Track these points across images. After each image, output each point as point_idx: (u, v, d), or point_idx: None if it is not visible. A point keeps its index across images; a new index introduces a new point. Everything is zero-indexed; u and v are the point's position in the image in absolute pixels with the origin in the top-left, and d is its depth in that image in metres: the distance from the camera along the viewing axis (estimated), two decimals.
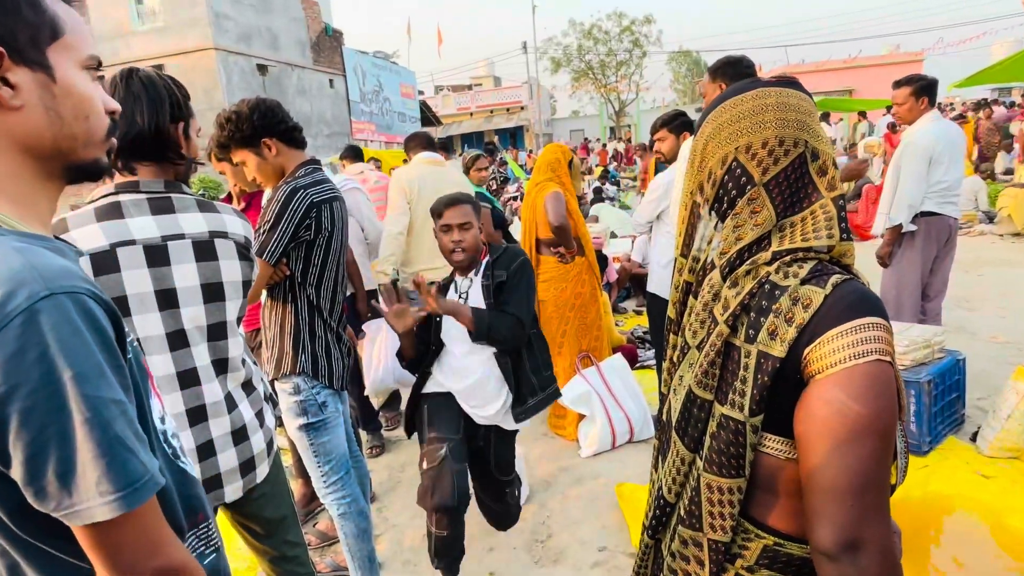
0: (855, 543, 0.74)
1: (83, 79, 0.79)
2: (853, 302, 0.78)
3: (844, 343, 0.76)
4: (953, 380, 3.06)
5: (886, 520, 0.76)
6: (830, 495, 0.75)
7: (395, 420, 3.88)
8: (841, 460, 0.74)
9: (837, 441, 0.75)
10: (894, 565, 0.75)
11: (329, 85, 20.90)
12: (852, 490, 0.74)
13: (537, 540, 2.62)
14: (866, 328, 0.76)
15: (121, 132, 1.31)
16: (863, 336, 0.76)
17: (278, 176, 1.98)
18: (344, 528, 2.15)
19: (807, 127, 0.86)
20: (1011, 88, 21.65)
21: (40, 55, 0.75)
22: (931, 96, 3.52)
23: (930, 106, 3.52)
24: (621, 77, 34.55)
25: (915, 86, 3.52)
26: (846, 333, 0.76)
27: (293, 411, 2.01)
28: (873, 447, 0.74)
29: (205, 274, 1.43)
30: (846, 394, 0.75)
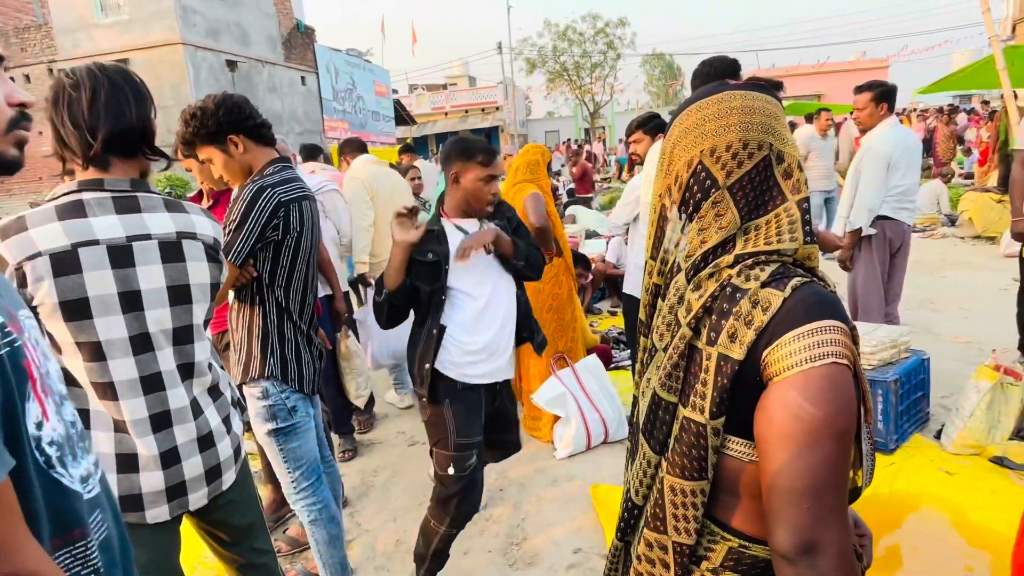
0: (813, 546, 0.74)
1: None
2: (811, 305, 0.78)
3: (801, 346, 0.76)
4: (918, 379, 3.14)
5: (844, 523, 0.76)
6: (787, 498, 0.75)
7: (368, 423, 3.83)
8: (798, 463, 0.74)
9: (794, 444, 0.75)
10: (852, 568, 0.76)
11: (301, 82, 20.61)
12: (809, 493, 0.74)
13: (512, 543, 2.61)
14: (823, 331, 0.76)
15: (108, 125, 1.29)
16: (820, 339, 0.76)
17: (246, 174, 1.93)
18: (315, 535, 2.11)
19: (772, 130, 0.86)
20: (971, 95, 22.36)
21: None
22: (890, 102, 3.62)
23: (889, 112, 3.62)
24: (596, 79, 34.82)
25: (875, 92, 3.61)
26: (803, 336, 0.77)
27: (262, 416, 1.96)
28: (829, 450, 0.74)
29: (172, 276, 1.40)
30: (802, 397, 0.75)
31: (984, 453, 2.81)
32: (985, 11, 6.28)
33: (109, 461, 1.35)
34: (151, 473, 1.39)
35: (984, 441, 2.83)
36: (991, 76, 6.47)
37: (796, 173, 0.86)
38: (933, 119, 14.67)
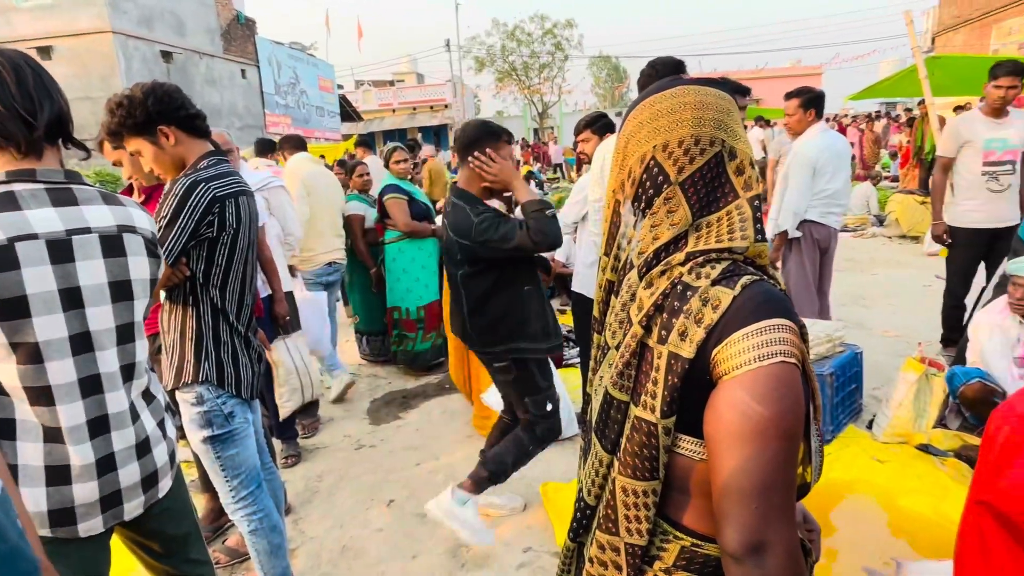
0: (760, 545, 0.74)
1: None
2: (760, 304, 0.78)
3: (749, 344, 0.76)
4: (852, 372, 3.28)
5: (791, 522, 0.76)
6: (735, 497, 0.75)
7: (312, 427, 3.72)
8: (746, 462, 0.74)
9: (742, 442, 0.74)
10: (798, 566, 0.76)
11: (241, 75, 19.91)
12: (756, 491, 0.74)
13: (462, 544, 2.57)
14: (771, 330, 0.76)
15: (46, 108, 1.23)
16: (768, 338, 0.76)
17: (178, 167, 1.83)
18: (256, 545, 2.02)
19: (724, 126, 0.85)
20: (896, 103, 23.67)
21: None
22: (818, 108, 3.78)
23: (817, 118, 3.78)
24: (544, 79, 35.08)
25: (804, 98, 3.76)
26: (752, 334, 0.76)
27: (197, 423, 1.87)
28: (777, 449, 0.74)
29: (113, 271, 1.33)
30: (750, 396, 0.74)
31: (911, 441, 2.96)
32: (908, 24, 6.63)
33: (37, 474, 1.26)
34: (84, 484, 1.30)
35: (911, 430, 2.98)
36: (914, 85, 6.84)
37: (748, 170, 0.86)
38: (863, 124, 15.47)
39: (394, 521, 2.78)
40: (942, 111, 9.83)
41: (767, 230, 4.00)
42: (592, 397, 0.97)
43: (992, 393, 2.85)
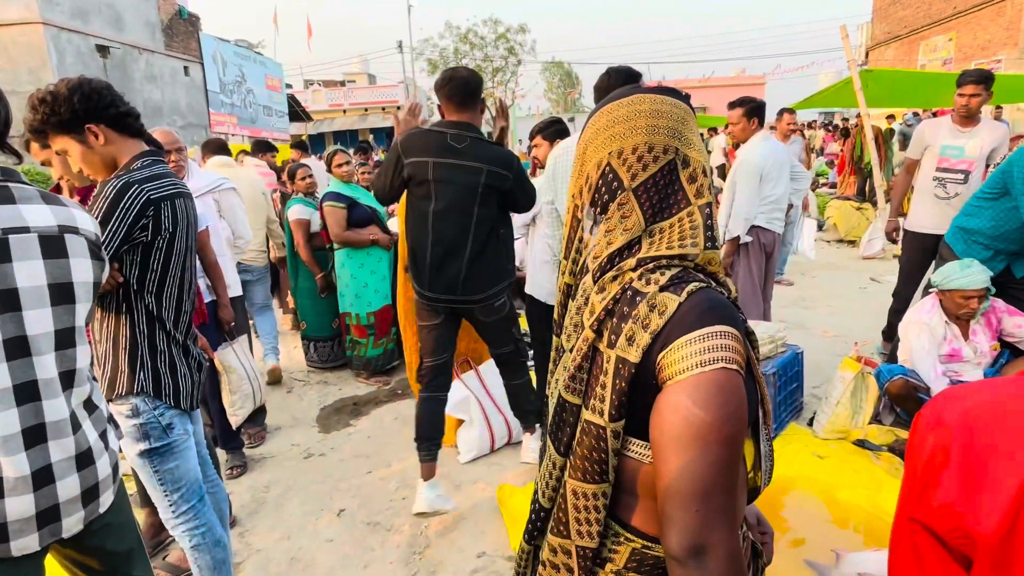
0: (701, 548, 0.74)
1: None
2: (704, 310, 0.79)
3: (692, 350, 0.77)
4: (794, 371, 3.40)
5: (732, 525, 0.77)
6: (677, 500, 0.76)
7: (259, 436, 3.61)
8: (687, 466, 0.75)
9: (683, 447, 0.76)
10: (739, 570, 0.77)
11: (184, 73, 19.19)
12: (697, 495, 0.75)
13: (414, 552, 2.54)
14: (714, 336, 0.77)
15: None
16: (711, 344, 0.77)
17: (109, 168, 1.73)
18: (198, 561, 1.94)
19: (678, 134, 0.87)
20: (833, 112, 24.76)
21: None
22: (760, 117, 3.92)
23: (760, 126, 3.91)
24: (497, 83, 35.13)
25: (746, 108, 3.89)
26: (695, 341, 0.77)
27: (133, 435, 1.78)
28: (718, 454, 0.75)
29: (53, 273, 1.27)
30: (692, 400, 0.76)
31: (849, 437, 3.08)
32: (844, 38, 6.96)
33: None
34: (19, 497, 1.22)
35: (849, 426, 3.11)
36: (850, 96, 7.18)
37: (700, 178, 0.87)
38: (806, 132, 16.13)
39: (345, 530, 2.71)
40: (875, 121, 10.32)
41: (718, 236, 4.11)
42: (548, 399, 0.98)
43: (916, 389, 3.00)
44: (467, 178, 2.43)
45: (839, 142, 13.03)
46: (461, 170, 2.43)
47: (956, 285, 2.97)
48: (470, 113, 2.52)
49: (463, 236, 2.45)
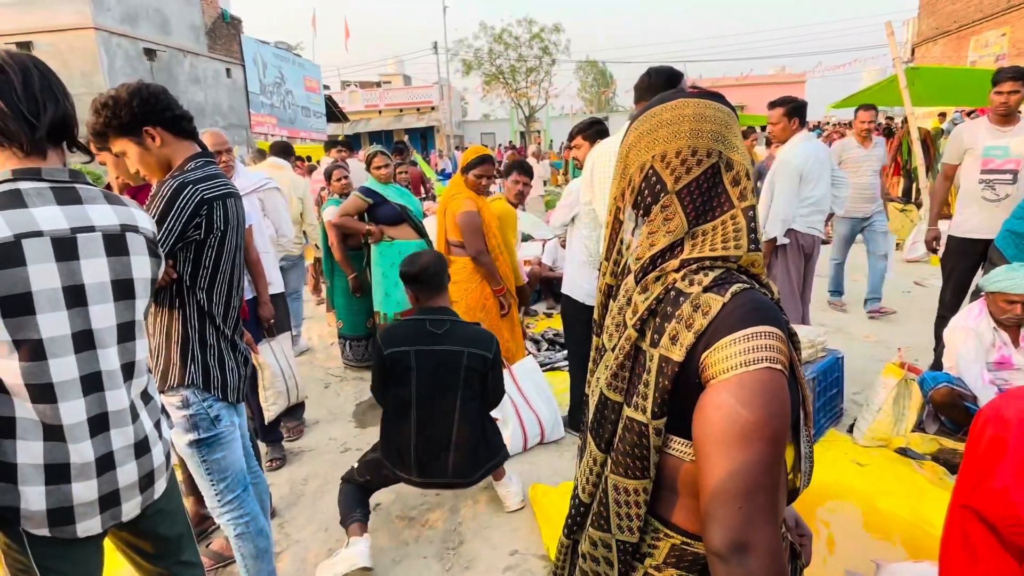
0: (743, 545, 0.76)
1: None
2: (748, 311, 0.80)
3: (737, 350, 0.79)
4: (833, 377, 3.34)
5: (774, 524, 0.78)
6: (719, 497, 0.77)
7: (297, 430, 3.70)
8: (730, 464, 0.77)
9: (726, 445, 0.77)
10: (780, 568, 0.78)
11: (226, 74, 19.73)
12: (740, 493, 0.76)
13: (448, 547, 2.58)
14: (758, 336, 0.79)
15: (49, 110, 1.26)
16: (755, 344, 0.78)
17: (164, 169, 1.82)
18: (241, 549, 2.01)
19: (722, 138, 0.89)
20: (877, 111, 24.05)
21: None
22: (801, 117, 3.84)
23: (801, 126, 3.84)
24: (531, 83, 35.16)
25: (787, 107, 3.82)
26: (739, 340, 0.79)
27: (182, 426, 1.85)
28: (761, 452, 0.76)
29: (116, 269, 1.35)
30: (736, 399, 0.77)
31: (890, 444, 3.01)
32: (889, 35, 6.77)
33: (36, 473, 1.25)
34: (84, 482, 1.30)
35: (891, 433, 3.04)
36: (895, 94, 6.98)
37: (744, 181, 0.89)
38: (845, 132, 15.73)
39: (380, 524, 2.77)
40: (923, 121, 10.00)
41: None
42: (589, 397, 1.00)
43: (961, 398, 2.91)
44: (449, 360, 2.44)
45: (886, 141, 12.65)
46: (443, 354, 2.45)
47: (1000, 287, 2.88)
48: (443, 297, 2.58)
49: (448, 420, 2.44)
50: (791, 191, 3.70)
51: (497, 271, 3.55)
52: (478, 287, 3.54)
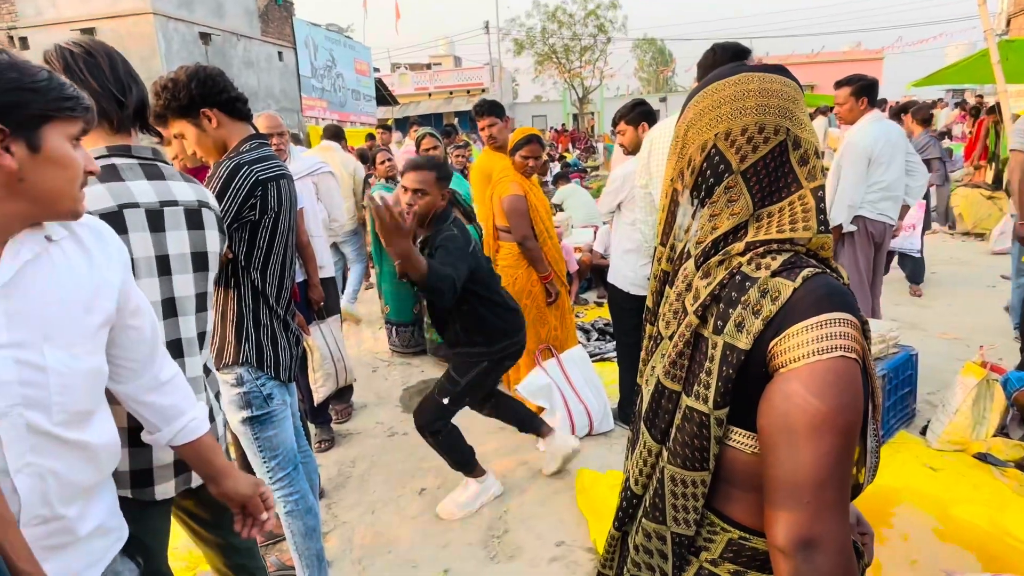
0: (810, 541, 0.74)
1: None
2: (821, 296, 0.78)
3: (809, 338, 0.76)
4: (906, 375, 3.20)
5: (844, 519, 0.76)
6: (787, 491, 0.76)
7: (345, 413, 3.82)
8: (799, 456, 0.75)
9: (796, 436, 0.75)
10: (849, 565, 0.76)
11: (278, 58, 20.27)
12: (809, 487, 0.75)
13: (493, 535, 2.62)
14: (832, 323, 0.76)
15: (135, 91, 1.38)
16: (828, 331, 0.76)
17: (220, 150, 1.90)
18: (291, 526, 2.10)
19: (789, 114, 0.86)
20: (964, 90, 22.69)
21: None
22: (871, 96, 3.66)
23: (870, 106, 3.67)
24: (585, 63, 34.72)
25: (855, 86, 3.65)
26: (812, 328, 0.77)
27: (236, 403, 1.94)
28: (832, 444, 0.74)
29: (195, 242, 1.47)
30: (807, 389, 0.75)
31: (969, 449, 2.88)
32: (981, 4, 6.35)
33: (123, 435, 1.33)
34: (164, 447, 1.38)
35: (969, 437, 2.90)
36: (985, 71, 6.55)
37: (812, 160, 0.86)
38: None
39: (426, 509, 2.84)
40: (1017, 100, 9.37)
41: None
42: (642, 387, 0.99)
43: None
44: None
45: (968, 122, 11.95)
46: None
47: None
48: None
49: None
50: (858, 175, 3.55)
51: (544, 257, 3.53)
52: (524, 273, 3.55)
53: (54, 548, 1.02)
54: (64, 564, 1.04)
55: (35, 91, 0.92)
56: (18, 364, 0.94)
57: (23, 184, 0.92)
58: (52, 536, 1.02)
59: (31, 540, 0.95)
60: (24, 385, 0.94)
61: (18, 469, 0.94)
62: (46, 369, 0.96)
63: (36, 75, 0.93)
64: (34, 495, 0.97)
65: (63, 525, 1.03)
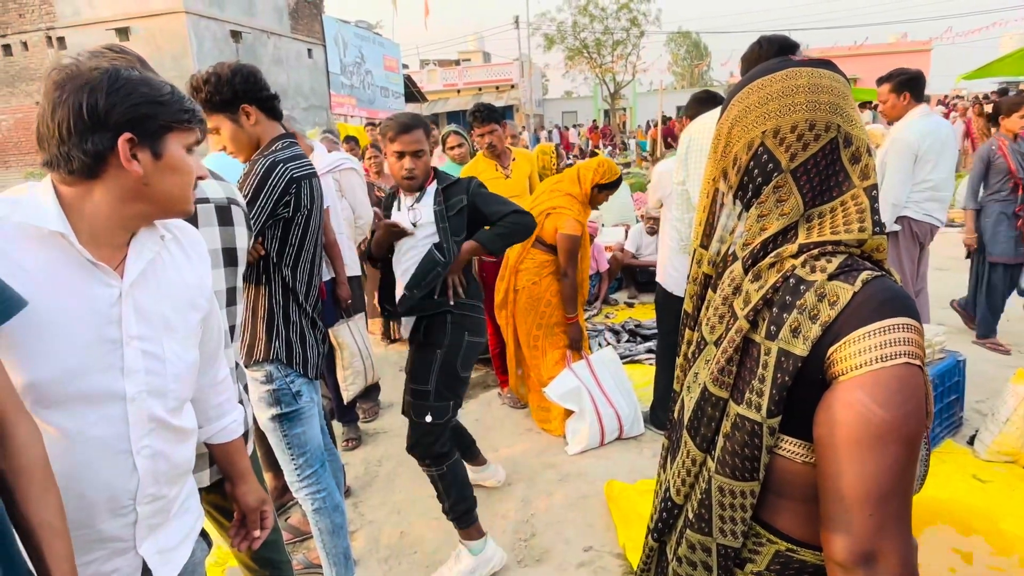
0: (872, 555, 0.73)
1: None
2: (883, 301, 0.77)
3: (871, 344, 0.75)
4: (953, 381, 3.12)
5: (907, 532, 0.75)
6: (848, 503, 0.74)
7: (372, 412, 3.87)
8: (862, 467, 0.74)
9: (859, 447, 0.74)
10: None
11: (308, 55, 20.60)
12: (872, 499, 0.73)
13: (520, 539, 2.63)
14: (896, 329, 0.75)
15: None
16: (892, 337, 0.75)
17: (252, 147, 1.95)
18: (318, 524, 2.14)
19: (840, 110, 0.84)
20: (1020, 82, 21.93)
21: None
22: (914, 91, 3.56)
23: (915, 101, 3.56)
24: (617, 57, 34.47)
25: (895, 82, 3.56)
26: (874, 334, 0.75)
27: (265, 400, 1.99)
28: (897, 454, 0.73)
29: (225, 238, 1.55)
30: (870, 397, 0.74)
31: (1020, 461, 2.80)
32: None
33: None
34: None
35: (1020, 448, 2.82)
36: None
37: (865, 158, 0.85)
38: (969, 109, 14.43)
39: None
40: None
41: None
42: (684, 394, 0.98)
43: None
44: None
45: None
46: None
47: None
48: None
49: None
50: (904, 173, 3.46)
51: (577, 300, 3.42)
52: (545, 282, 3.46)
53: (154, 527, 1.12)
54: (164, 540, 1.16)
55: (161, 104, 1.02)
56: (144, 355, 1.04)
57: (147, 188, 1.02)
58: (155, 515, 1.12)
59: (144, 517, 1.08)
60: (149, 374, 1.04)
61: (138, 451, 1.05)
62: (164, 360, 1.07)
63: (162, 89, 1.04)
64: (148, 476, 1.07)
65: (164, 504, 1.13)
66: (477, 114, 3.87)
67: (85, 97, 0.95)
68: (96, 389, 1.00)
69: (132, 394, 1.03)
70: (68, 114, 0.95)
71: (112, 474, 1.02)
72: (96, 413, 1.00)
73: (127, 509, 1.06)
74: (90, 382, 0.99)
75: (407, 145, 2.25)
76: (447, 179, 2.37)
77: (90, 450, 0.99)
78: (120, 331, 1.02)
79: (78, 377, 0.98)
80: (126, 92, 0.98)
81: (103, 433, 1.01)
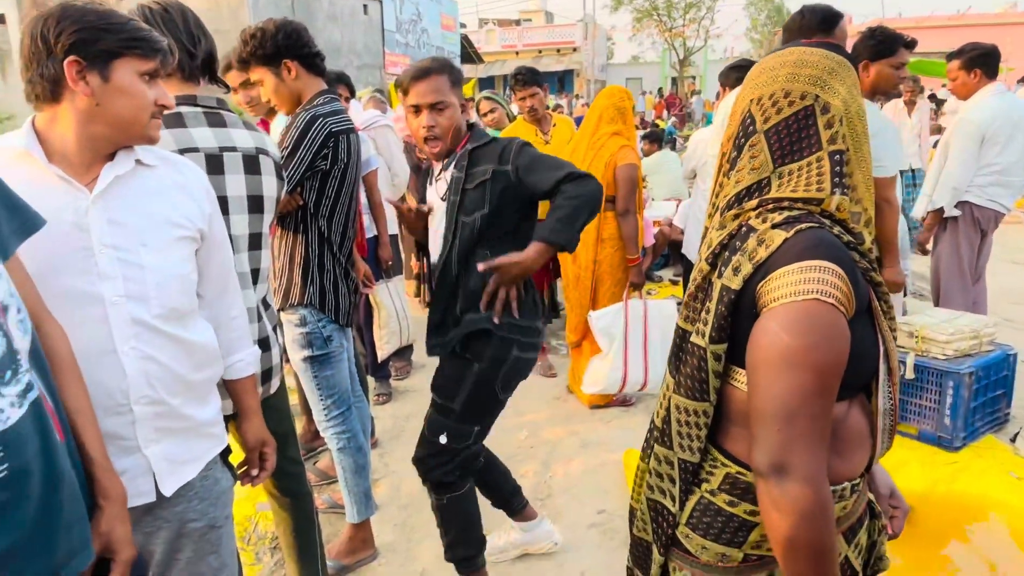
0: (782, 466, 0.88)
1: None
2: (808, 247, 0.90)
3: (789, 280, 0.89)
4: (1000, 375, 3.11)
5: (814, 450, 0.88)
6: (762, 418, 0.90)
7: (404, 370, 4.11)
8: (771, 387, 0.89)
9: (769, 368, 0.89)
10: (819, 493, 0.88)
11: (363, 11, 20.80)
12: (780, 416, 0.88)
13: (536, 498, 2.82)
14: (812, 270, 0.89)
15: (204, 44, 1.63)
16: (807, 276, 0.88)
17: (293, 101, 2.15)
18: (342, 462, 2.38)
19: (821, 82, 0.98)
20: None
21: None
22: (986, 68, 3.47)
23: (987, 78, 3.47)
24: (689, 21, 33.54)
25: (964, 58, 3.48)
26: (793, 272, 0.89)
27: (298, 343, 2.22)
28: (803, 379, 0.87)
29: (251, 186, 1.71)
30: (780, 326, 0.88)
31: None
32: None
33: None
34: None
35: None
36: None
37: (837, 125, 0.98)
38: None
39: None
40: None
41: (919, 208, 3.80)
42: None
43: None
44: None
45: None
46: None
47: None
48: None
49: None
50: (968, 155, 3.41)
51: (638, 239, 3.40)
52: (622, 251, 3.48)
53: (162, 431, 1.25)
54: (171, 449, 1.28)
55: (107, 30, 1.14)
56: (120, 262, 1.19)
57: (99, 109, 1.16)
58: (160, 418, 1.25)
59: (143, 418, 1.21)
60: (128, 280, 1.20)
61: (124, 352, 1.19)
62: (144, 268, 1.21)
63: (110, 17, 1.16)
64: (139, 376, 1.20)
65: (169, 410, 1.25)
66: (519, 76, 3.94)
67: (40, 27, 1.11)
68: (73, 290, 1.15)
69: (111, 298, 1.17)
70: (29, 43, 1.12)
71: (104, 374, 1.16)
72: (80, 313, 1.15)
73: (124, 408, 1.20)
74: (65, 283, 1.14)
75: (422, 96, 1.87)
76: (481, 138, 1.97)
77: (81, 347, 1.12)
78: (91, 238, 1.16)
79: (52, 277, 1.13)
80: (72, 20, 1.12)
81: (89, 333, 1.15)
